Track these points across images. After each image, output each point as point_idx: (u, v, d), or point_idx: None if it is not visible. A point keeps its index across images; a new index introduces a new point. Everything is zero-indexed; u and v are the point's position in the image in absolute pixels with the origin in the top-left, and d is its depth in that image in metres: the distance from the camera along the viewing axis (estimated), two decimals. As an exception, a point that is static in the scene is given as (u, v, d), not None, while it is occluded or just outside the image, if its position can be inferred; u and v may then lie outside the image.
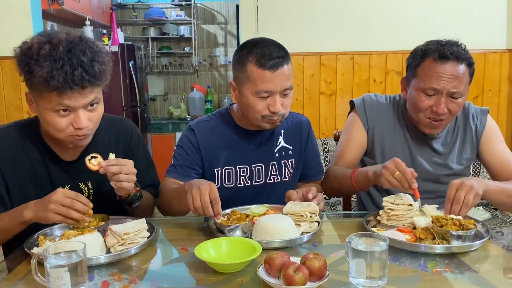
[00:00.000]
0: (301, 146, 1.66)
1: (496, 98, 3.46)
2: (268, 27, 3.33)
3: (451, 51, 1.47)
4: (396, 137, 1.65)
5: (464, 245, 1.16)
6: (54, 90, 1.15)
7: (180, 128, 4.92)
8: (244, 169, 1.58)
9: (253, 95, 1.44)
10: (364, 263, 0.96)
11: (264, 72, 1.41)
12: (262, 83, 1.41)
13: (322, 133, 3.46)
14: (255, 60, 1.42)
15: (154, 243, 1.26)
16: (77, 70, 1.15)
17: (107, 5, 4.85)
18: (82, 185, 1.40)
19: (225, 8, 5.27)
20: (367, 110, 1.67)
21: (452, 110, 1.50)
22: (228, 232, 1.23)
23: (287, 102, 1.47)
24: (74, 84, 1.15)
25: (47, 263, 0.93)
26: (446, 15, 3.33)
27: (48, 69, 1.13)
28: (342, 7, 3.35)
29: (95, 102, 1.24)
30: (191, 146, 1.56)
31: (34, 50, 1.16)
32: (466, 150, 1.66)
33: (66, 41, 1.17)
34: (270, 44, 1.45)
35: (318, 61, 3.40)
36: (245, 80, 1.45)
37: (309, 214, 1.29)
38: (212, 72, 5.42)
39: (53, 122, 1.22)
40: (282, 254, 1.02)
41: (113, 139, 1.47)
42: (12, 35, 3.27)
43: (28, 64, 1.16)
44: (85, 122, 1.22)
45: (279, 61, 1.41)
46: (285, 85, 1.43)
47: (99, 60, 1.21)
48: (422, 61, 1.51)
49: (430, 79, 1.48)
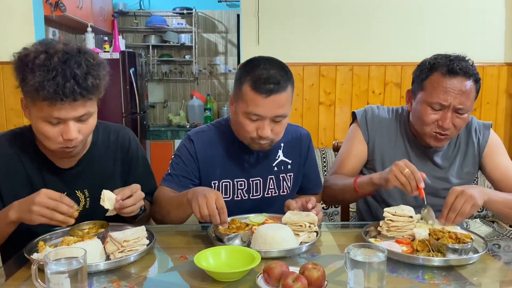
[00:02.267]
0: (301, 160, 1.65)
1: (493, 111, 3.49)
2: (268, 37, 3.35)
3: (460, 66, 1.47)
4: (396, 149, 1.65)
5: (462, 258, 1.16)
6: (45, 100, 1.15)
7: (179, 136, 4.93)
8: (241, 182, 1.57)
9: (243, 115, 1.42)
10: (362, 274, 0.96)
11: (257, 96, 1.37)
12: (253, 106, 1.39)
13: (321, 143, 3.47)
14: (251, 81, 1.39)
15: (153, 251, 1.27)
16: (69, 82, 1.14)
17: (109, 12, 4.88)
18: (79, 193, 1.40)
19: (226, 17, 5.31)
20: (368, 122, 1.68)
21: (457, 125, 1.50)
22: (227, 241, 1.24)
23: (278, 128, 1.44)
24: (65, 96, 1.14)
25: (48, 269, 0.93)
26: (445, 28, 3.37)
27: (40, 79, 1.13)
28: (342, 18, 3.39)
29: (86, 115, 1.23)
30: (189, 156, 1.54)
31: (30, 58, 1.16)
32: (467, 165, 1.65)
33: (63, 52, 1.17)
34: (270, 68, 1.40)
35: (317, 71, 3.43)
36: (240, 98, 1.43)
37: (308, 224, 1.30)
38: (212, 80, 5.44)
39: (44, 131, 1.22)
40: (281, 263, 1.02)
41: (112, 148, 1.47)
42: (14, 40, 3.29)
43: (22, 72, 1.17)
44: (74, 133, 1.22)
45: (274, 87, 1.37)
46: (277, 112, 1.39)
47: (94, 73, 1.19)
48: (430, 74, 1.51)
49: (438, 94, 1.47)
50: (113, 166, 1.47)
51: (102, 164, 1.44)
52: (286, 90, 1.40)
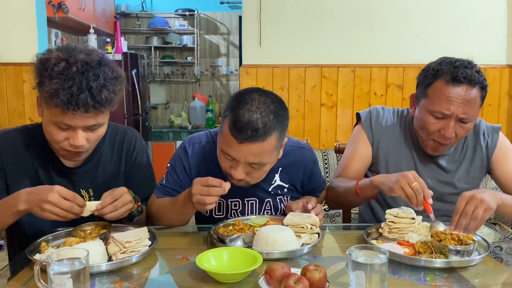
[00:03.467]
0: (302, 181, 1.56)
1: (496, 113, 3.49)
2: (270, 38, 3.36)
3: (464, 75, 1.41)
4: (401, 152, 1.62)
5: (464, 260, 1.16)
6: (57, 107, 1.17)
7: (181, 137, 4.94)
8: (236, 202, 1.51)
9: (219, 149, 1.33)
10: (364, 276, 0.97)
11: (231, 138, 1.25)
12: (226, 146, 1.28)
13: (323, 144, 3.47)
14: (230, 120, 1.26)
15: (155, 252, 1.27)
16: (83, 94, 1.15)
17: (111, 14, 4.89)
18: (84, 192, 1.41)
19: (228, 19, 5.32)
20: (373, 124, 1.64)
21: (459, 134, 1.47)
22: (229, 242, 1.24)
23: (256, 174, 1.33)
24: (77, 107, 1.16)
25: (50, 270, 0.93)
26: (446, 30, 3.37)
27: (56, 86, 1.15)
28: (344, 20, 3.39)
29: (96, 125, 1.25)
30: (182, 169, 1.49)
31: (50, 64, 1.18)
32: (474, 169, 1.61)
33: (83, 62, 1.18)
34: (256, 111, 1.24)
35: (319, 73, 3.43)
36: (221, 129, 1.33)
37: (310, 226, 1.30)
38: (213, 81, 5.45)
39: (52, 133, 1.24)
40: (283, 265, 1.02)
41: (116, 148, 1.48)
42: (17, 42, 3.31)
43: (41, 75, 1.19)
44: (81, 141, 1.23)
45: (251, 135, 1.23)
46: (251, 160, 1.27)
47: (110, 88, 1.20)
48: (434, 81, 1.45)
49: (440, 103, 1.43)
50: (118, 167, 1.48)
51: (107, 165, 1.45)
52: (266, 140, 1.25)
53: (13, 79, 3.34)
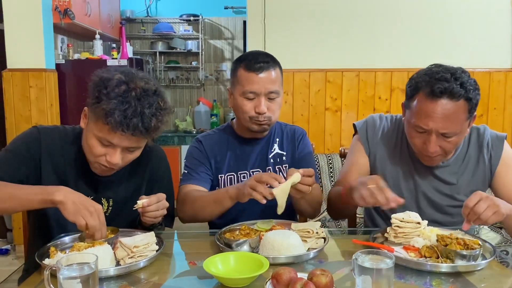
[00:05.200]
0: (294, 151, 1.73)
1: (501, 116, 3.48)
2: (274, 43, 3.38)
3: (442, 89, 1.32)
4: (398, 162, 1.58)
5: (470, 264, 1.16)
6: (108, 125, 1.22)
7: (186, 141, 4.95)
8: (244, 174, 1.67)
9: (241, 96, 1.57)
10: (370, 280, 0.97)
11: (250, 74, 1.54)
12: (248, 84, 1.55)
13: (327, 148, 3.48)
14: (244, 64, 1.57)
15: (162, 257, 1.28)
16: (136, 118, 1.22)
17: (117, 20, 4.93)
18: (104, 200, 1.44)
19: (232, 24, 5.34)
20: (369, 135, 1.62)
21: (446, 148, 1.40)
22: (236, 246, 1.25)
23: (274, 106, 1.58)
24: (127, 129, 1.22)
25: (60, 275, 0.95)
26: (451, 34, 3.38)
27: (113, 106, 1.21)
28: (348, 24, 3.40)
29: (135, 148, 1.31)
30: (200, 154, 1.67)
31: (111, 84, 1.24)
32: (476, 183, 1.54)
33: (141, 89, 1.25)
34: (259, 53, 1.61)
35: (324, 77, 3.44)
36: (236, 83, 1.59)
37: (316, 230, 1.31)
38: (218, 86, 5.47)
39: (92, 146, 1.30)
40: (289, 270, 1.03)
41: (143, 164, 1.50)
42: (23, 48, 3.34)
43: (99, 92, 1.24)
44: (117, 159, 1.29)
45: (265, 65, 1.55)
46: (270, 88, 1.55)
47: (160, 118, 1.27)
48: (415, 93, 1.40)
49: (419, 117, 1.37)
50: (140, 181, 1.52)
51: (131, 178, 1.49)
52: (275, 69, 1.58)
53: (20, 85, 3.37)
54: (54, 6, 3.53)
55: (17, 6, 3.30)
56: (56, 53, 3.80)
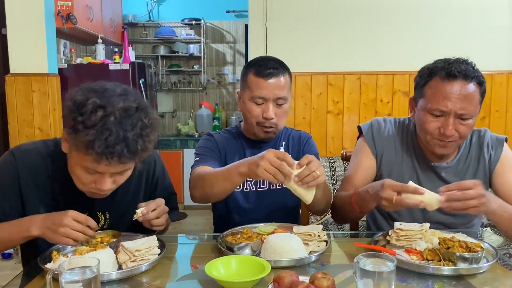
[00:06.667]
0: (300, 154, 1.73)
1: (503, 119, 3.47)
2: (276, 46, 3.38)
3: (459, 70, 1.40)
4: (403, 165, 1.59)
5: (472, 267, 1.16)
6: (90, 155, 1.12)
7: (188, 145, 4.96)
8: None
9: (250, 101, 1.59)
10: (372, 283, 0.97)
11: (259, 79, 1.57)
12: (257, 90, 1.57)
13: (329, 151, 3.48)
14: (254, 69, 1.59)
15: (164, 260, 1.28)
16: (119, 145, 1.10)
17: (119, 24, 4.95)
18: (100, 214, 1.40)
19: (234, 28, 5.36)
20: (375, 136, 1.62)
21: (462, 132, 1.43)
22: (238, 250, 1.25)
23: (281, 113, 1.60)
24: (111, 158, 1.11)
25: (62, 278, 0.95)
26: (452, 37, 3.37)
27: (91, 138, 1.09)
28: (349, 27, 3.41)
29: (126, 170, 1.23)
30: (212, 145, 1.69)
31: (86, 111, 1.11)
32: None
33: (121, 110, 1.12)
34: (269, 59, 1.63)
35: (325, 80, 3.44)
36: (245, 87, 1.62)
37: (317, 233, 1.31)
38: (220, 89, 5.48)
39: (79, 176, 1.22)
40: (291, 273, 1.03)
41: (138, 169, 1.42)
42: (26, 53, 3.36)
43: (75, 120, 1.12)
44: (108, 186, 1.21)
45: (274, 71, 1.57)
46: (278, 94, 1.57)
47: (146, 138, 1.15)
48: (429, 80, 1.45)
49: (437, 100, 1.41)
50: (137, 188, 1.47)
51: (126, 187, 1.39)
52: (284, 75, 1.60)
53: (23, 90, 3.38)
54: (57, 11, 3.56)
55: (20, 11, 3.32)
56: (59, 57, 3.82)
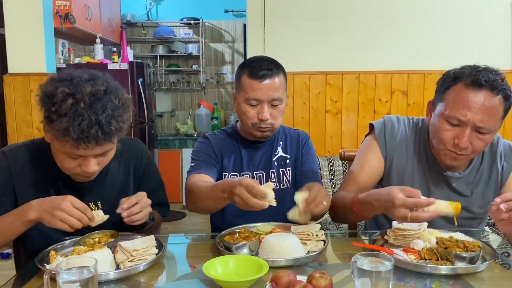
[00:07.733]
0: (298, 154, 1.74)
1: (502, 118, 3.47)
2: (275, 46, 3.38)
3: (486, 79, 1.29)
4: (415, 173, 1.50)
5: (470, 267, 1.16)
6: (68, 142, 1.17)
7: (187, 145, 4.96)
8: (247, 175, 1.68)
9: (244, 102, 1.58)
10: (369, 283, 0.97)
11: (253, 81, 1.55)
12: (251, 91, 1.56)
13: (328, 151, 3.48)
14: (248, 71, 1.57)
15: (162, 260, 1.28)
16: (93, 128, 1.14)
17: (117, 24, 4.95)
18: (92, 205, 1.41)
19: (232, 27, 5.36)
20: (387, 137, 1.52)
21: (476, 146, 1.34)
22: (235, 250, 1.25)
23: (276, 113, 1.59)
24: (88, 142, 1.16)
25: (60, 278, 0.95)
26: (451, 36, 3.38)
27: (66, 125, 1.14)
28: (348, 27, 3.41)
29: (107, 151, 1.26)
30: (207, 148, 1.68)
31: (57, 101, 1.16)
32: (489, 194, 1.49)
33: (90, 95, 1.16)
34: (263, 60, 1.61)
35: (324, 80, 3.44)
36: (240, 89, 1.60)
37: (315, 233, 1.31)
38: (219, 89, 5.48)
39: (63, 162, 1.26)
40: (288, 272, 1.03)
41: (124, 160, 1.49)
42: (25, 52, 3.35)
43: (48, 111, 1.17)
44: (93, 167, 1.24)
45: (268, 73, 1.55)
46: (273, 95, 1.55)
47: (118, 118, 1.20)
48: (453, 84, 1.35)
49: (457, 107, 1.31)
50: (126, 178, 1.49)
51: (115, 177, 1.46)
52: (279, 76, 1.58)
53: (21, 89, 3.38)
54: (55, 11, 3.55)
55: (18, 10, 3.32)
56: (57, 57, 3.82)
